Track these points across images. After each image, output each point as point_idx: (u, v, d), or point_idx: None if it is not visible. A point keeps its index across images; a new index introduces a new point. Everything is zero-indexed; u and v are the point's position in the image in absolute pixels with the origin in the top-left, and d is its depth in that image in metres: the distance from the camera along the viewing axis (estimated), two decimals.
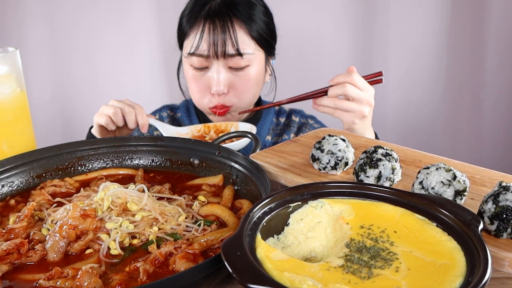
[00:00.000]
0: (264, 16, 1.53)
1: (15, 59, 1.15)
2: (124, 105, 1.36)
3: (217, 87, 1.47)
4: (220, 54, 1.43)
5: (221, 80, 1.47)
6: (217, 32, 1.42)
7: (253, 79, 1.52)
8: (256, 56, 1.50)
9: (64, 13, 2.28)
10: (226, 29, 1.42)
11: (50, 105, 2.40)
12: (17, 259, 0.76)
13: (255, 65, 1.51)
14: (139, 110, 1.38)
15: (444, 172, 0.77)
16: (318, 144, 0.94)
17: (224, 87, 1.48)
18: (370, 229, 0.67)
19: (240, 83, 1.50)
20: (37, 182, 1.04)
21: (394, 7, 2.35)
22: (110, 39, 2.35)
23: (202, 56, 1.45)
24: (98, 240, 0.80)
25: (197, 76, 1.51)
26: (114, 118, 1.35)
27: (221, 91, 1.48)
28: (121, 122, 1.36)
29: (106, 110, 1.36)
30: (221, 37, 1.42)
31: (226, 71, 1.48)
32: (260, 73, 1.55)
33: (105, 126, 1.37)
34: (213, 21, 1.43)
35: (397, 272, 0.58)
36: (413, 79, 2.49)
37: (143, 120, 1.37)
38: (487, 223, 0.70)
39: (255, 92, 1.58)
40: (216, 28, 1.42)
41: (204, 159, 1.08)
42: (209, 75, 1.49)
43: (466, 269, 0.58)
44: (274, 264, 0.58)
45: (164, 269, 0.73)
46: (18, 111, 1.17)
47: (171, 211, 0.88)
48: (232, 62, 1.46)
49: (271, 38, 1.56)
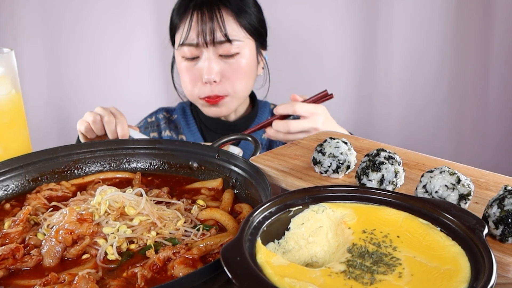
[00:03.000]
0: (254, 8, 1.56)
1: (10, 60, 1.14)
2: (106, 114, 1.32)
3: (208, 75, 1.49)
4: (209, 42, 1.46)
5: (211, 68, 1.48)
6: (205, 20, 1.45)
7: (244, 67, 1.53)
8: (246, 43, 1.52)
9: (60, 14, 2.27)
10: (214, 17, 1.45)
11: (46, 107, 2.39)
12: (12, 264, 0.75)
13: (246, 53, 1.53)
14: (120, 119, 1.32)
15: (448, 176, 0.76)
16: (320, 147, 0.93)
17: (215, 75, 1.49)
18: (372, 233, 0.66)
19: (231, 71, 1.52)
20: (32, 186, 1.04)
21: (397, 6, 2.34)
22: (107, 40, 2.34)
23: (192, 45, 1.48)
24: (95, 245, 0.79)
25: (189, 67, 1.53)
26: (93, 126, 1.32)
27: (212, 79, 1.49)
28: (100, 131, 1.33)
29: (87, 117, 1.34)
30: (209, 25, 1.45)
31: (216, 59, 1.50)
32: (252, 62, 1.57)
33: (85, 134, 1.35)
34: (201, 9, 1.46)
35: (400, 277, 0.57)
36: (416, 80, 2.48)
37: (123, 131, 1.32)
38: (492, 227, 0.69)
39: (248, 82, 1.59)
40: (204, 16, 1.45)
41: (203, 162, 1.07)
42: (200, 64, 1.51)
43: (471, 274, 0.57)
44: (274, 269, 0.58)
45: (163, 275, 0.72)
46: (13, 113, 1.16)
47: (169, 216, 0.87)
48: (222, 49, 1.48)
49: (261, 28, 1.59)
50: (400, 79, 2.46)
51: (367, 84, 2.49)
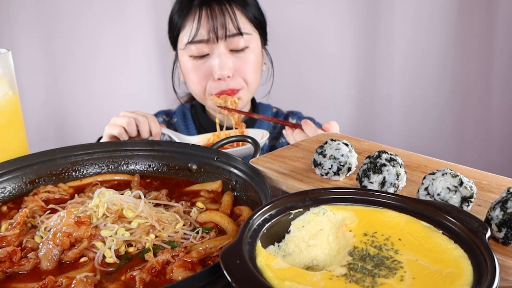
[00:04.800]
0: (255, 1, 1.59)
1: (7, 61, 1.14)
2: (138, 115, 1.38)
3: (221, 71, 1.49)
4: (221, 36, 1.46)
5: (225, 63, 1.49)
6: (216, 15, 1.45)
7: (253, 60, 1.55)
8: (254, 37, 1.55)
9: (58, 14, 2.27)
10: (225, 10, 1.46)
11: (43, 108, 2.39)
12: (9, 267, 0.75)
13: (254, 47, 1.55)
14: (152, 119, 1.40)
15: (450, 178, 0.76)
16: (320, 149, 0.92)
17: (228, 70, 1.50)
18: (374, 236, 0.66)
19: (242, 64, 1.53)
20: (30, 188, 1.03)
21: (399, 6, 2.34)
22: (105, 41, 2.34)
23: (202, 42, 1.48)
24: (93, 248, 0.79)
25: (197, 65, 1.53)
26: (128, 128, 1.36)
27: (226, 75, 1.50)
28: (134, 132, 1.38)
29: (119, 121, 1.37)
30: (220, 20, 1.45)
31: (228, 54, 1.50)
32: (259, 56, 1.59)
33: (118, 136, 1.38)
34: (211, 6, 1.46)
35: (402, 281, 0.57)
36: (418, 81, 2.48)
37: (157, 129, 1.39)
38: (494, 230, 0.68)
39: (258, 76, 1.61)
40: (214, 11, 1.45)
41: (203, 164, 1.07)
42: (210, 61, 1.51)
43: (473, 278, 0.56)
44: (274, 273, 0.57)
45: (161, 278, 0.72)
46: (11, 115, 1.16)
47: (168, 218, 0.87)
48: (232, 44, 1.49)
49: (263, 20, 1.61)
50: (402, 80, 2.46)
51: (369, 85, 2.49)
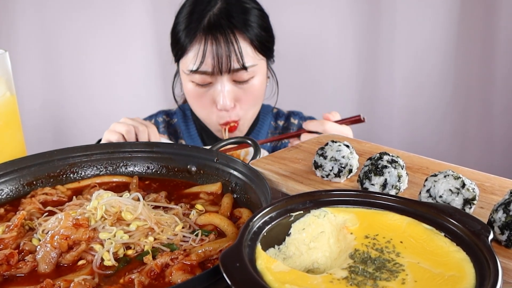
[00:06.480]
0: (260, 20, 1.51)
1: (4, 62, 1.13)
2: (138, 123, 1.36)
3: (224, 102, 1.46)
4: (224, 70, 1.42)
5: (227, 95, 1.46)
6: (221, 47, 1.41)
7: (257, 90, 1.52)
8: (259, 66, 1.50)
9: (55, 15, 2.26)
10: (230, 43, 1.41)
11: (41, 109, 2.38)
12: (7, 270, 0.75)
13: (259, 76, 1.51)
14: (152, 128, 1.38)
15: (453, 180, 0.75)
16: (321, 150, 0.92)
17: (230, 101, 1.47)
18: (375, 239, 0.65)
19: (245, 96, 1.50)
20: (27, 190, 1.03)
21: (400, 7, 2.33)
22: (103, 41, 2.34)
23: (206, 73, 1.44)
24: (91, 250, 0.79)
25: (200, 93, 1.50)
26: (127, 136, 1.34)
27: (228, 106, 1.47)
28: (133, 141, 1.36)
29: (118, 128, 1.35)
30: (225, 53, 1.40)
31: (231, 85, 1.47)
32: (263, 83, 1.56)
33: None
34: (215, 35, 1.41)
35: (404, 284, 0.56)
36: (420, 82, 2.47)
37: (156, 139, 1.37)
38: (497, 233, 0.68)
39: (259, 106, 1.59)
40: (219, 43, 1.41)
41: (202, 166, 1.07)
42: (213, 91, 1.48)
43: (476, 281, 0.56)
44: (275, 276, 0.57)
45: (160, 281, 0.72)
46: (8, 116, 1.16)
47: (167, 221, 0.87)
48: (236, 76, 1.45)
49: (269, 42, 1.55)
50: (403, 81, 2.46)
51: (370, 86, 2.49)
